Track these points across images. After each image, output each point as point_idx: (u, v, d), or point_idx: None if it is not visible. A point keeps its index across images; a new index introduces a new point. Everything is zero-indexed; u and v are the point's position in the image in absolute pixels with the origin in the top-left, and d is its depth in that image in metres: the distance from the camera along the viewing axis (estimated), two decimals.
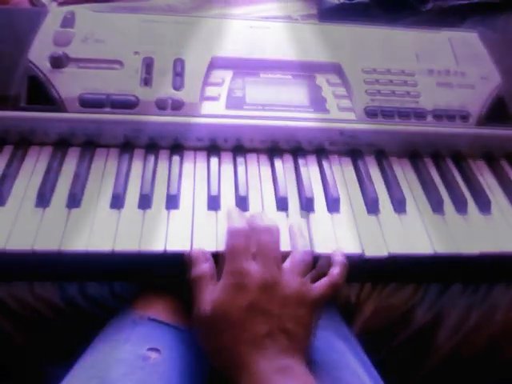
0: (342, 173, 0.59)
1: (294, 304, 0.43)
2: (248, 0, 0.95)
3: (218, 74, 0.61)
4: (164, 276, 0.53)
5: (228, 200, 0.54)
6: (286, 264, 0.46)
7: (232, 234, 0.46)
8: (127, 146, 0.58)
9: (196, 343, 0.46)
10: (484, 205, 0.57)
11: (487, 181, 0.61)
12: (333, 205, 0.54)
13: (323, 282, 0.45)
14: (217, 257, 0.47)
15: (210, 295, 0.43)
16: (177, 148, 0.59)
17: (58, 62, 0.57)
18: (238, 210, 0.51)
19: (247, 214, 0.52)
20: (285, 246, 0.48)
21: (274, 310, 0.42)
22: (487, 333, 0.60)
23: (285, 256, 0.47)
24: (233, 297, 0.42)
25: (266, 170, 0.58)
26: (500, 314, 0.60)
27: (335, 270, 0.46)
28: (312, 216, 0.53)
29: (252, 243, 0.46)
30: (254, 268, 0.43)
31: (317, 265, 0.49)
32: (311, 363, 0.45)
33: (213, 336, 0.42)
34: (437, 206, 0.56)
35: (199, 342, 0.44)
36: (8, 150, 0.56)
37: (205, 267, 0.45)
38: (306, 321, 0.43)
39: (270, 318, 0.41)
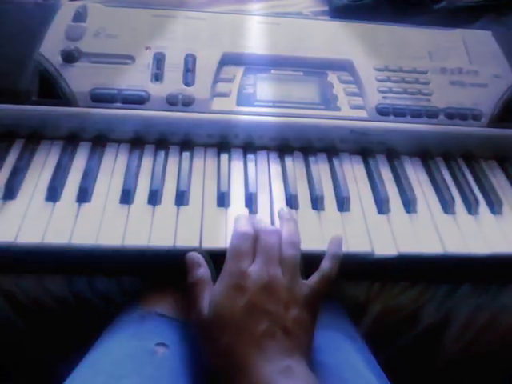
0: (352, 171, 0.59)
1: (290, 303, 0.43)
2: None
3: (228, 70, 0.61)
4: (172, 272, 0.53)
5: (237, 197, 0.54)
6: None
7: (236, 235, 0.46)
8: (137, 141, 0.58)
9: None
10: (495, 205, 0.57)
11: (499, 181, 0.61)
12: (343, 203, 0.54)
13: (314, 278, 0.45)
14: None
15: (208, 299, 0.43)
16: (187, 144, 0.59)
17: (69, 57, 0.57)
18: (247, 216, 0.51)
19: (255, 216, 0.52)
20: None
21: (272, 310, 0.42)
22: (495, 334, 0.60)
23: None
24: (230, 297, 0.42)
25: (276, 167, 0.58)
26: (508, 316, 0.59)
27: (326, 264, 0.46)
28: (322, 214, 0.53)
29: (255, 246, 0.45)
30: (252, 268, 0.43)
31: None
32: (316, 363, 0.45)
33: (212, 338, 0.42)
34: (448, 206, 0.56)
35: (200, 347, 0.44)
36: (19, 143, 0.57)
37: (200, 273, 0.46)
38: (305, 319, 0.43)
39: (268, 317, 0.41)
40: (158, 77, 0.58)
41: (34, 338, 0.59)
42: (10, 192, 0.51)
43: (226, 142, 0.59)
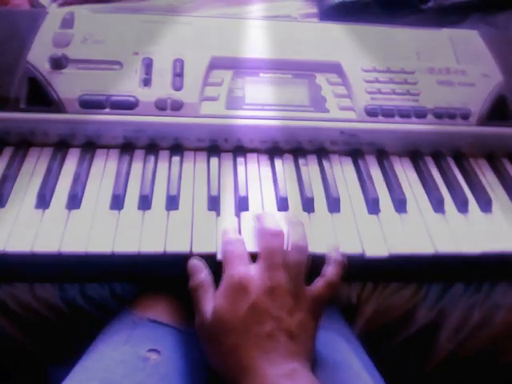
0: (342, 172, 0.59)
1: (294, 309, 0.43)
2: None
3: (217, 74, 0.61)
4: (164, 277, 0.53)
5: (228, 200, 0.54)
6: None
7: (226, 242, 0.47)
8: (127, 146, 0.58)
9: (195, 343, 0.45)
10: (485, 204, 0.57)
11: (488, 180, 0.61)
12: (333, 205, 0.54)
13: (318, 283, 0.45)
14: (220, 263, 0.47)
15: (211, 302, 0.43)
16: (177, 148, 0.58)
17: (57, 63, 0.57)
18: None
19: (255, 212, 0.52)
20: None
21: (275, 314, 0.42)
22: (489, 333, 0.60)
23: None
24: (233, 300, 0.42)
25: (266, 170, 0.58)
26: (502, 314, 0.59)
27: (329, 269, 0.46)
28: (312, 216, 0.53)
29: (259, 246, 0.46)
30: (253, 271, 0.43)
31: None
32: (314, 364, 0.45)
33: (216, 341, 0.42)
34: (438, 205, 0.56)
35: (203, 351, 0.44)
36: (8, 151, 0.56)
37: (201, 277, 0.46)
38: (308, 324, 0.43)
39: (272, 320, 0.41)
40: (146, 82, 0.58)
41: (28, 345, 0.58)
42: (0, 200, 0.51)
43: (215, 145, 0.59)
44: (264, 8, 0.91)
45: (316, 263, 0.47)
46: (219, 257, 0.47)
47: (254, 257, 0.46)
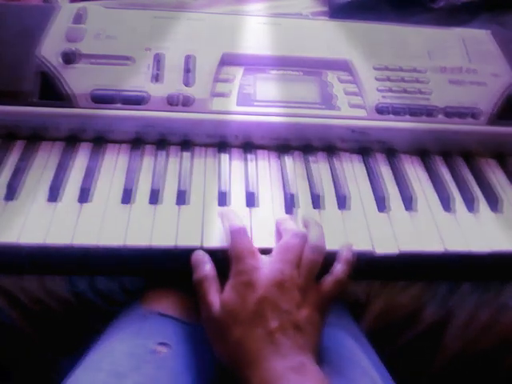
0: (352, 170, 0.59)
1: (302, 304, 0.43)
2: None
3: (228, 71, 0.61)
4: (174, 271, 0.53)
5: (238, 196, 0.54)
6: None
7: (234, 234, 0.46)
8: (138, 141, 0.58)
9: (204, 338, 0.46)
10: (495, 203, 0.57)
11: (498, 179, 0.61)
12: (343, 202, 0.54)
13: (327, 281, 0.45)
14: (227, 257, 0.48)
15: (217, 295, 0.44)
16: (187, 144, 0.59)
17: (69, 58, 0.57)
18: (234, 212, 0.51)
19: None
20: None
21: (283, 307, 0.42)
22: (496, 333, 0.60)
23: None
24: (242, 293, 0.42)
25: (276, 166, 0.58)
26: (509, 315, 0.59)
27: (338, 267, 0.46)
28: (322, 213, 0.53)
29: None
30: (263, 264, 0.44)
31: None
32: (322, 361, 0.45)
33: (223, 334, 0.42)
34: (447, 204, 0.56)
35: (210, 344, 0.44)
36: (20, 144, 0.57)
37: (206, 269, 0.46)
38: (315, 320, 0.43)
39: (280, 313, 0.41)
40: (158, 77, 0.58)
41: (36, 338, 0.59)
42: (12, 193, 0.51)
43: (226, 141, 0.59)
44: (275, 6, 0.91)
45: (324, 260, 0.47)
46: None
47: (262, 252, 0.46)
